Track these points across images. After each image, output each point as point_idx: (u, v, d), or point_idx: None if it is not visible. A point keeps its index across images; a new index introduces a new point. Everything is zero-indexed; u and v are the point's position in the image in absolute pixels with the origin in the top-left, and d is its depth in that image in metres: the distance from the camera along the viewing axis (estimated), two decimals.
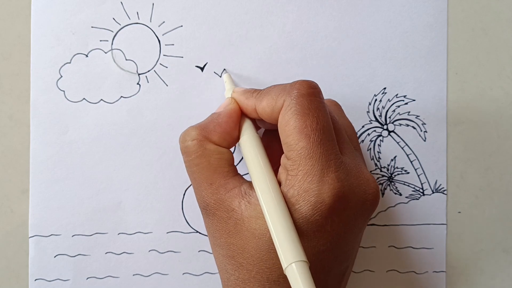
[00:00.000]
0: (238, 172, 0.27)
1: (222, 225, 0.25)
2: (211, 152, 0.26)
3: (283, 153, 0.25)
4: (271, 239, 0.23)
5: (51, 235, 0.33)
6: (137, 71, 0.33)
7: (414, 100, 0.34)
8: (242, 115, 0.28)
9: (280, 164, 0.26)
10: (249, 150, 0.26)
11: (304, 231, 0.23)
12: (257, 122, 0.29)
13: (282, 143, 0.25)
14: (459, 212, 0.34)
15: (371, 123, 0.34)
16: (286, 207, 0.23)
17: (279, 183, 0.25)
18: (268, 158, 0.26)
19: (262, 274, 0.24)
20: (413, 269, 0.34)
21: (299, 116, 0.24)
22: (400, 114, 0.34)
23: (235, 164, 0.27)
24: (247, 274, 0.24)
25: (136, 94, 0.33)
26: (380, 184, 0.34)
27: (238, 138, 0.27)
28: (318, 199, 0.23)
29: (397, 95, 0.34)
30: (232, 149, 0.29)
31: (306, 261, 0.22)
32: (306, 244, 0.23)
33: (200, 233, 0.33)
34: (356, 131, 0.34)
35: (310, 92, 0.25)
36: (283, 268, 0.22)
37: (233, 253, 0.25)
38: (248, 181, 0.26)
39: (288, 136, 0.24)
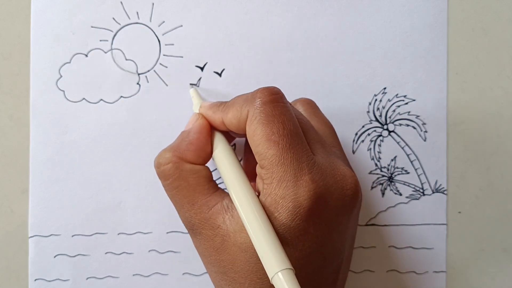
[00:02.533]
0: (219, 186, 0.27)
1: (209, 243, 0.25)
2: (188, 172, 0.26)
3: None
4: None
5: (51, 235, 0.33)
6: (137, 71, 0.33)
7: (414, 100, 0.34)
8: (212, 129, 0.28)
9: None
10: (223, 163, 0.26)
11: (288, 238, 0.23)
12: (230, 133, 0.29)
13: (253, 153, 0.25)
14: (459, 212, 0.34)
15: (371, 123, 0.34)
16: (266, 217, 0.23)
17: (258, 193, 0.24)
18: (252, 167, 0.26)
19: (255, 285, 0.24)
20: (413, 269, 0.34)
21: (264, 124, 0.24)
22: (400, 114, 0.34)
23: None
24: (241, 287, 0.24)
25: (136, 94, 0.33)
26: (380, 184, 0.34)
27: (212, 153, 0.27)
28: (295, 203, 0.23)
29: (397, 95, 0.34)
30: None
31: (291, 268, 0.22)
32: (292, 249, 0.23)
33: None
34: (356, 131, 0.34)
35: (273, 99, 0.25)
36: (270, 278, 0.22)
37: (224, 269, 0.25)
38: (229, 194, 0.26)
39: (258, 146, 0.24)
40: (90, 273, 0.33)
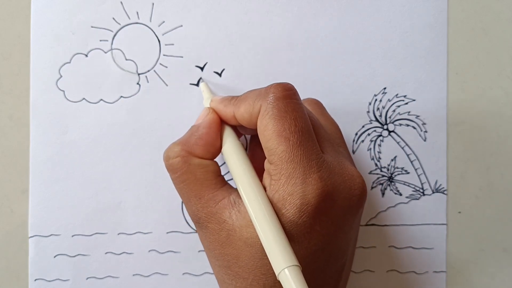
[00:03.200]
0: (227, 181, 0.27)
1: (215, 236, 0.25)
2: (196, 166, 0.26)
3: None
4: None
5: (51, 235, 0.33)
6: (137, 71, 0.33)
7: (414, 100, 0.34)
8: (222, 123, 0.28)
9: None
10: (232, 158, 0.26)
11: (294, 234, 0.23)
12: (238, 129, 0.29)
13: (263, 148, 0.25)
14: (459, 212, 0.34)
15: (371, 123, 0.34)
16: (274, 213, 0.23)
17: (265, 189, 0.24)
18: (257, 163, 0.26)
19: (259, 280, 0.24)
20: (413, 269, 0.34)
21: (276, 119, 0.24)
22: (400, 114, 0.34)
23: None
24: (244, 283, 0.24)
25: (136, 94, 0.33)
26: (380, 184, 0.34)
27: (221, 147, 0.27)
28: (303, 201, 0.23)
29: (397, 95, 0.34)
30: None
31: (298, 265, 0.22)
32: (298, 246, 0.23)
33: None
34: (356, 131, 0.34)
35: (286, 95, 0.25)
36: (276, 275, 0.22)
37: (229, 263, 0.25)
38: (236, 189, 0.26)
39: (268, 141, 0.24)
40: (90, 273, 0.33)
